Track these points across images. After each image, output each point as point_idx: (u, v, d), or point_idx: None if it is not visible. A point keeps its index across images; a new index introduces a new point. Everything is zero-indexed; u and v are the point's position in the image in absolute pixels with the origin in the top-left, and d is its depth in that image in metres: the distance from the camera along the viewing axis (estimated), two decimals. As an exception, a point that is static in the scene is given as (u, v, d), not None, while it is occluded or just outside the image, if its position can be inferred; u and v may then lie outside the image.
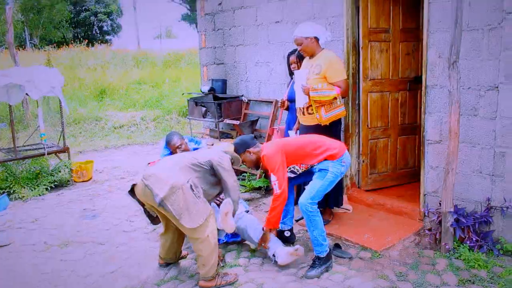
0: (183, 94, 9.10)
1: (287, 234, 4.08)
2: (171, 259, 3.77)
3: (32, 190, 5.86)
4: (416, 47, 5.02)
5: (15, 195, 5.69)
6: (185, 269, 3.71)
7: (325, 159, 3.61)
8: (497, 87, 3.58)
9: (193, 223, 3.21)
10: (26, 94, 5.89)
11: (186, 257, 3.90)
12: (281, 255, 3.59)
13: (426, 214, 4.09)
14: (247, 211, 4.22)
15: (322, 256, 3.57)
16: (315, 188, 3.59)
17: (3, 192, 5.55)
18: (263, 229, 3.77)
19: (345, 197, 4.77)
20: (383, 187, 5.07)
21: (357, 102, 4.92)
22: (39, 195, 5.83)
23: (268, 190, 5.54)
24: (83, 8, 31.49)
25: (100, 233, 4.58)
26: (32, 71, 6.06)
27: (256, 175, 5.62)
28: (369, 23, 4.72)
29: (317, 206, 3.61)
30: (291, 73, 4.75)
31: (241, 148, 3.78)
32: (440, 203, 3.84)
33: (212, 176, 3.46)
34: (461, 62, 3.59)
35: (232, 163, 3.64)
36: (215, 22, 6.67)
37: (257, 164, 3.86)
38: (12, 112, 6.32)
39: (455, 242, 3.72)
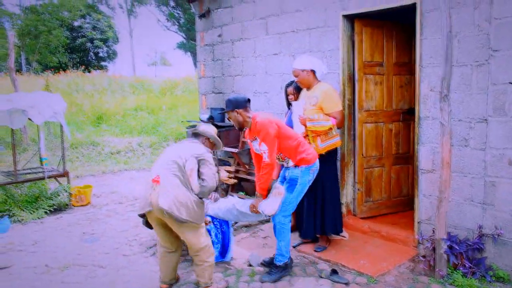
0: (182, 121, 9.25)
1: None
2: (173, 280, 3.85)
3: (31, 213, 5.92)
4: (409, 80, 5.25)
5: (14, 218, 5.74)
6: (185, 293, 3.79)
7: (299, 163, 3.86)
8: (486, 120, 3.78)
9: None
10: (29, 119, 6.00)
11: (179, 280, 3.98)
12: (266, 208, 3.82)
13: (420, 241, 4.22)
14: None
15: (279, 265, 3.95)
16: (286, 202, 3.88)
17: (3, 215, 5.59)
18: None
19: (341, 224, 4.89)
20: (378, 215, 5.21)
21: (352, 132, 5.10)
22: (38, 218, 5.89)
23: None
24: (80, 34, 31.87)
25: (100, 256, 4.64)
26: (35, 96, 6.20)
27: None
28: (364, 57, 4.96)
29: (289, 219, 3.95)
30: (289, 104, 4.94)
31: (231, 105, 3.88)
32: (433, 231, 3.98)
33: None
34: (452, 95, 3.80)
35: (214, 145, 3.84)
36: (214, 53, 6.89)
37: (240, 125, 3.96)
38: (14, 136, 6.42)
39: (448, 269, 3.83)
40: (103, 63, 34.34)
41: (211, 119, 6.40)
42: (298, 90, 4.70)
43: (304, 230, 4.49)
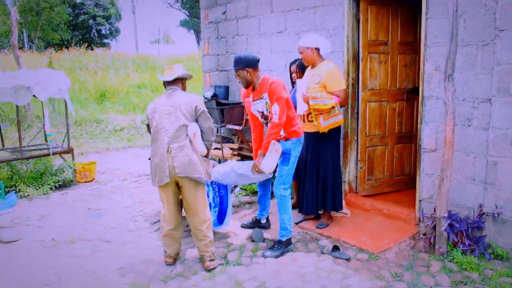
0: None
1: (263, 221, 4.60)
2: (178, 255, 3.96)
3: (37, 189, 6.00)
4: (414, 59, 5.23)
5: (20, 193, 5.83)
6: (189, 267, 3.86)
7: (290, 135, 4.01)
8: (490, 100, 3.79)
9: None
10: (33, 95, 6.03)
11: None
12: (265, 166, 3.92)
13: (421, 219, 4.28)
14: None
15: (282, 240, 4.05)
16: (283, 174, 4.05)
17: (9, 191, 5.67)
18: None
19: (343, 202, 4.95)
20: (380, 193, 5.26)
21: (356, 110, 5.12)
22: (44, 194, 5.98)
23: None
24: (82, 11, 31.65)
25: (106, 231, 4.72)
26: (39, 73, 6.23)
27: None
28: (368, 36, 4.93)
29: (289, 191, 4.10)
30: (293, 82, 4.94)
31: (241, 64, 3.92)
32: (434, 209, 4.03)
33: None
34: (456, 75, 3.80)
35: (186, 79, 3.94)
36: (219, 30, 6.86)
37: (247, 84, 4.02)
38: (19, 113, 6.46)
39: (448, 246, 3.90)
40: (105, 41, 34.18)
41: (215, 97, 6.42)
42: (302, 68, 4.70)
43: (306, 207, 4.55)
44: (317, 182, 4.47)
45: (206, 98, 6.56)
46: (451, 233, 3.86)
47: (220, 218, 4.45)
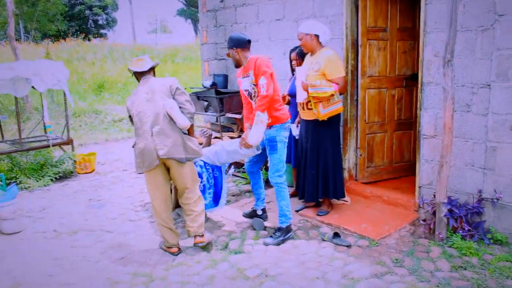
0: (185, 88, 9.25)
1: (259, 212, 4.57)
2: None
3: (37, 181, 6.02)
4: (413, 45, 5.21)
5: (21, 185, 5.84)
6: (191, 256, 3.89)
7: (273, 121, 4.03)
8: (489, 85, 3.79)
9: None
10: (32, 87, 6.01)
11: None
12: (252, 138, 3.93)
13: (421, 205, 4.30)
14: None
15: (283, 227, 4.10)
16: (274, 162, 4.11)
17: (10, 183, 5.69)
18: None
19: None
20: (380, 180, 5.28)
21: (355, 97, 5.11)
22: (45, 185, 5.99)
23: (268, 183, 5.72)
24: (78, 1, 31.39)
25: (107, 221, 4.75)
26: (37, 64, 6.20)
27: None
28: (367, 22, 4.91)
29: (284, 177, 4.13)
30: (293, 70, 4.93)
31: (231, 43, 4.08)
32: (434, 195, 4.05)
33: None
34: (455, 61, 3.79)
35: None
36: (217, 19, 6.82)
37: (237, 63, 4.18)
38: (18, 105, 6.45)
39: (448, 232, 3.93)
40: (102, 31, 33.96)
41: (214, 86, 6.40)
42: (301, 56, 4.68)
43: (307, 195, 4.56)
44: (317, 170, 4.47)
45: (205, 87, 6.55)
46: (450, 219, 3.89)
47: (216, 200, 4.49)
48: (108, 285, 3.46)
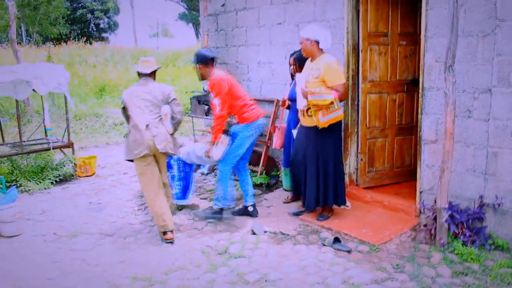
0: (186, 92, 9.27)
1: (250, 209, 4.78)
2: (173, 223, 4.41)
3: (38, 184, 6.01)
4: (414, 50, 5.22)
5: (21, 188, 5.83)
6: (191, 260, 3.87)
7: (241, 120, 4.54)
8: (490, 90, 3.79)
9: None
10: (33, 90, 6.02)
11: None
12: (214, 153, 4.47)
13: (422, 210, 4.29)
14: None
15: (214, 209, 4.65)
16: (227, 153, 4.54)
17: (10, 185, 5.68)
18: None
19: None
20: (381, 185, 5.27)
21: (356, 102, 5.11)
22: (45, 188, 5.98)
23: (268, 187, 5.73)
24: (80, 5, 31.47)
25: (107, 225, 4.74)
26: (39, 67, 6.21)
27: (257, 172, 5.79)
28: (368, 27, 4.92)
29: (229, 168, 4.58)
30: (292, 74, 4.93)
31: (195, 59, 4.54)
32: (435, 200, 4.03)
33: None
34: (456, 66, 3.79)
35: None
36: (218, 23, 6.83)
37: (200, 77, 4.62)
38: (19, 107, 6.45)
39: (449, 237, 3.91)
40: (104, 35, 34.05)
41: (214, 90, 6.40)
42: (299, 61, 4.69)
43: (308, 202, 4.51)
44: (318, 177, 4.40)
45: (206, 91, 6.55)
46: (451, 224, 3.87)
47: (184, 192, 5.02)
48: (107, 289, 3.45)
